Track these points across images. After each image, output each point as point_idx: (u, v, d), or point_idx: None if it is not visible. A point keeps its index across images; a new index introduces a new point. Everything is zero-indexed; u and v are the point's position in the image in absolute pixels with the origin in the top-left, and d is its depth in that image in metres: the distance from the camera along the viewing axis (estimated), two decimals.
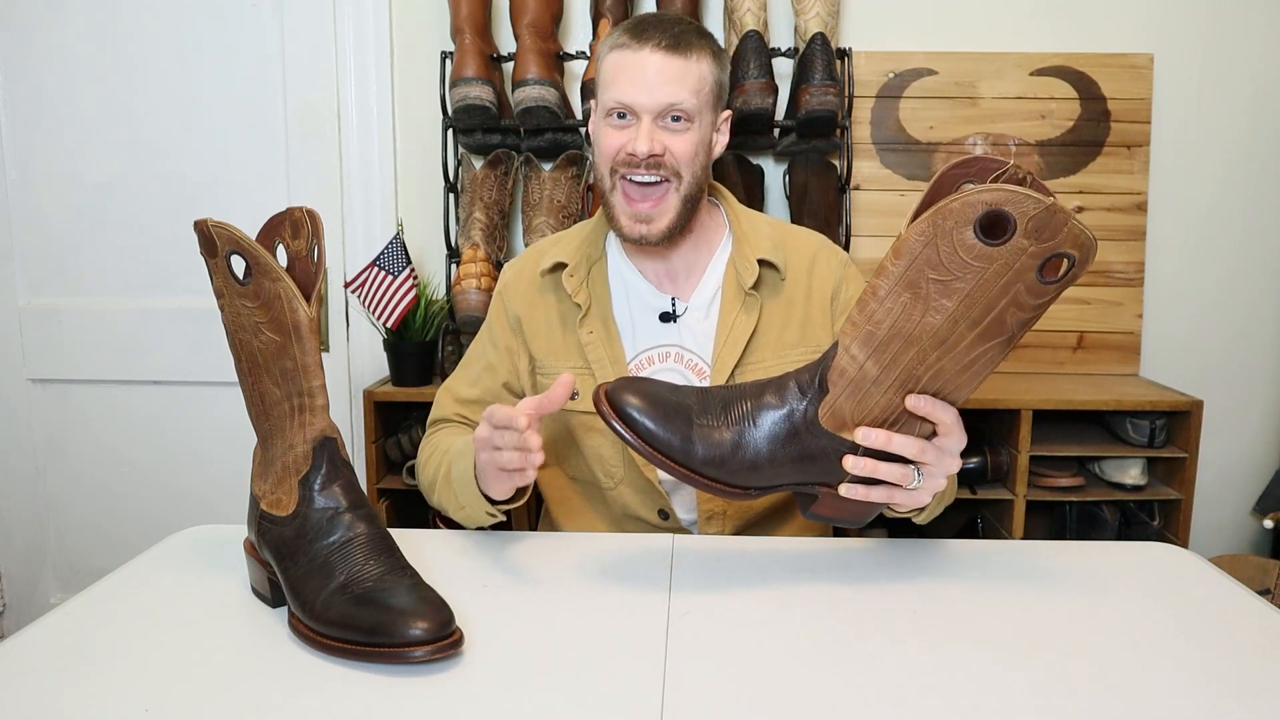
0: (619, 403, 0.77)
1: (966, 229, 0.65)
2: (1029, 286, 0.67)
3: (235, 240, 0.72)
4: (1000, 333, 0.70)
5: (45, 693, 0.66)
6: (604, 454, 1.10)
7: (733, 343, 1.07)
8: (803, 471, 0.78)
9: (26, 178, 2.04)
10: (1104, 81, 1.92)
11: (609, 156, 1.04)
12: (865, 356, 0.73)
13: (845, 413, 0.76)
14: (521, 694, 0.65)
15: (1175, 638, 0.74)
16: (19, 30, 1.99)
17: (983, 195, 0.64)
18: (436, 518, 1.92)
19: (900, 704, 0.64)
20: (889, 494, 0.78)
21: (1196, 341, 2.00)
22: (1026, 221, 0.64)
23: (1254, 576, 1.78)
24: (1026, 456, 1.70)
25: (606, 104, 1.04)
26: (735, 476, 0.77)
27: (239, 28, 1.96)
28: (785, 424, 0.77)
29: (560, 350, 1.11)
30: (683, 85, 1.01)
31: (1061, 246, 0.65)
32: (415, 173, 2.00)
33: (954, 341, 0.71)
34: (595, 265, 1.12)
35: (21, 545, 2.17)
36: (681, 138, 1.02)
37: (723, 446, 0.76)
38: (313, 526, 0.75)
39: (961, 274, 0.67)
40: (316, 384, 0.76)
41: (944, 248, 0.67)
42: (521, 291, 1.15)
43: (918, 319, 0.70)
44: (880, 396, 0.75)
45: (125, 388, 2.08)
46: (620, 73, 1.02)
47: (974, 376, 0.74)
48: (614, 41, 1.04)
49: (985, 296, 0.68)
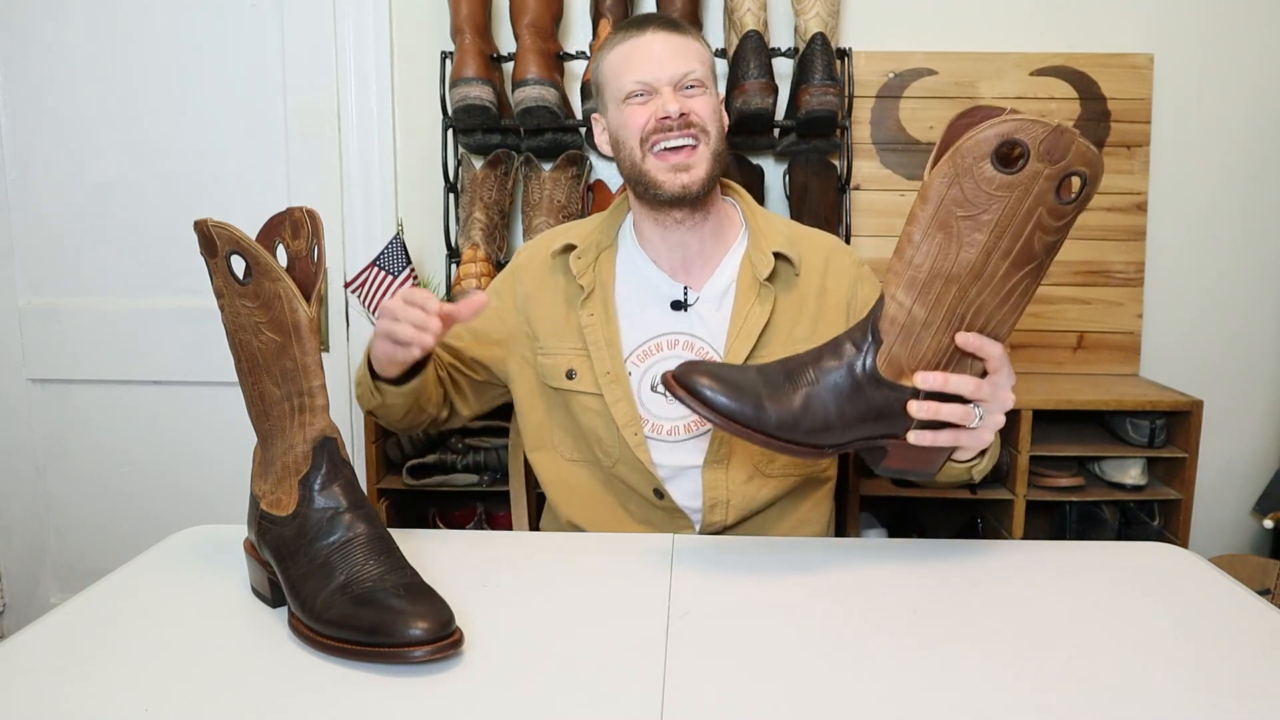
0: (689, 383, 0.81)
1: (985, 162, 0.70)
2: (1050, 209, 0.72)
3: (235, 240, 0.72)
4: (1030, 258, 0.75)
5: (45, 693, 0.66)
6: (600, 434, 1.11)
7: (746, 333, 1.09)
8: (870, 426, 0.82)
9: (26, 178, 2.04)
10: (1104, 81, 1.92)
11: (639, 129, 1.06)
12: (911, 300, 0.77)
13: (901, 359, 0.80)
14: (521, 694, 0.65)
15: (1175, 638, 0.74)
16: (19, 30, 1.99)
17: (995, 128, 0.69)
18: (436, 517, 1.92)
19: (900, 704, 0.64)
20: (955, 436, 0.82)
21: (1196, 341, 2.00)
22: (1038, 145, 0.69)
23: (1254, 576, 1.78)
24: (1026, 456, 1.70)
25: (624, 89, 1.07)
26: (809, 436, 0.81)
27: (239, 28, 1.96)
28: (848, 380, 0.80)
29: (561, 330, 1.13)
30: (690, 56, 1.07)
31: (1073, 165, 0.70)
32: (415, 173, 2.00)
33: (990, 273, 0.75)
34: (604, 252, 1.15)
35: (21, 545, 2.17)
36: (701, 99, 1.07)
37: (793, 410, 0.80)
38: (313, 526, 0.75)
39: (987, 206, 0.72)
40: (316, 384, 0.76)
41: (967, 184, 0.71)
42: (533, 272, 1.18)
43: (954, 256, 0.74)
44: (931, 338, 0.79)
45: (125, 388, 2.08)
46: (630, 59, 1.07)
47: (1013, 309, 0.78)
48: (614, 41, 1.10)
49: (1012, 224, 0.72)
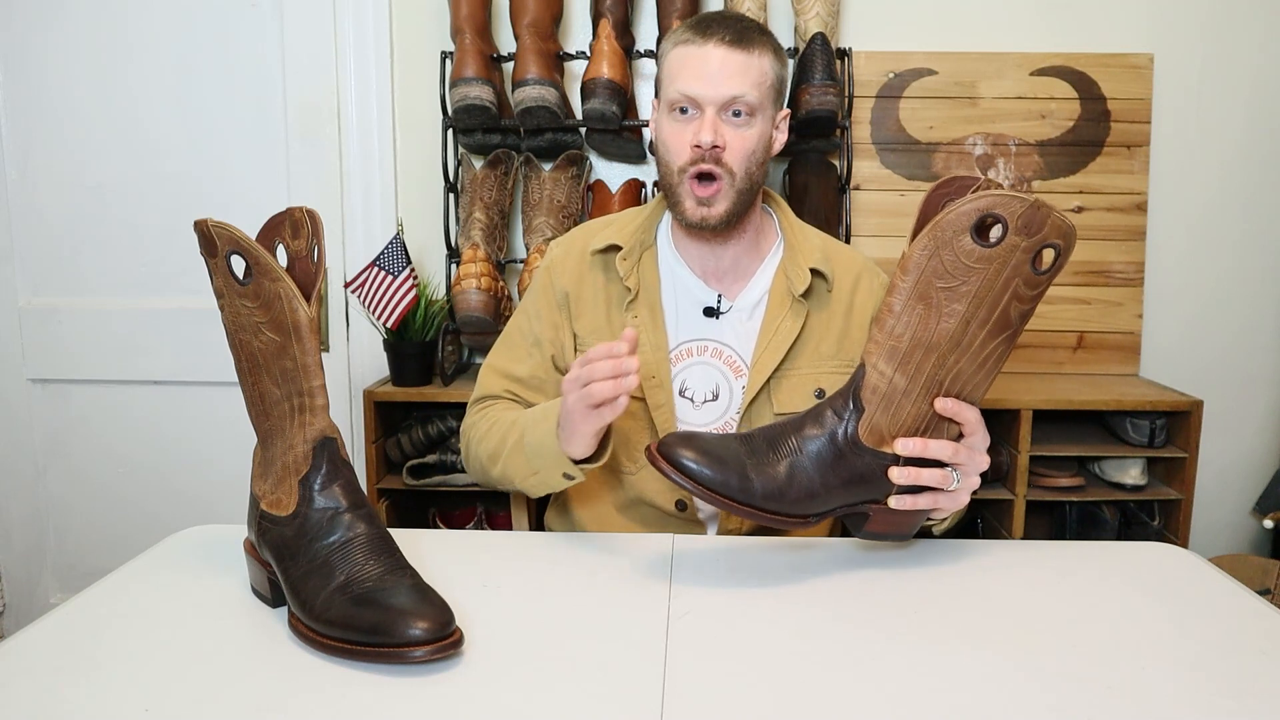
0: (673, 457, 0.81)
1: (964, 235, 0.73)
2: (1025, 279, 0.75)
3: (235, 240, 0.72)
4: (1006, 326, 0.78)
5: (45, 693, 0.66)
6: (631, 438, 1.10)
7: (775, 346, 1.09)
8: (853, 491, 0.83)
9: (26, 178, 2.04)
10: (1104, 81, 1.92)
11: (677, 155, 1.06)
12: (893, 370, 0.80)
13: (882, 426, 0.82)
14: (521, 694, 0.65)
15: (1175, 638, 0.74)
16: (19, 30, 1.99)
17: (975, 203, 0.72)
18: (436, 517, 1.92)
19: (900, 704, 0.64)
20: (934, 499, 0.84)
21: (1196, 341, 2.00)
22: (1016, 219, 0.72)
23: (1254, 576, 1.78)
24: (1026, 456, 1.70)
25: (671, 97, 1.06)
26: (794, 506, 0.82)
27: (239, 28, 1.96)
28: (831, 448, 0.82)
29: (604, 331, 1.12)
30: (745, 79, 1.03)
31: (1049, 238, 0.73)
32: (415, 173, 2.00)
33: (969, 342, 0.78)
34: (647, 252, 1.14)
35: (21, 545, 2.17)
36: (742, 134, 1.05)
37: (778, 480, 0.81)
38: (313, 526, 0.75)
39: (966, 278, 0.75)
40: (316, 384, 0.76)
41: (947, 256, 0.74)
42: (570, 269, 1.16)
43: (934, 326, 0.77)
44: (910, 406, 0.81)
45: (125, 388, 2.08)
46: (684, 66, 1.04)
47: (989, 374, 0.81)
48: (678, 38, 1.07)
49: (990, 294, 0.75)
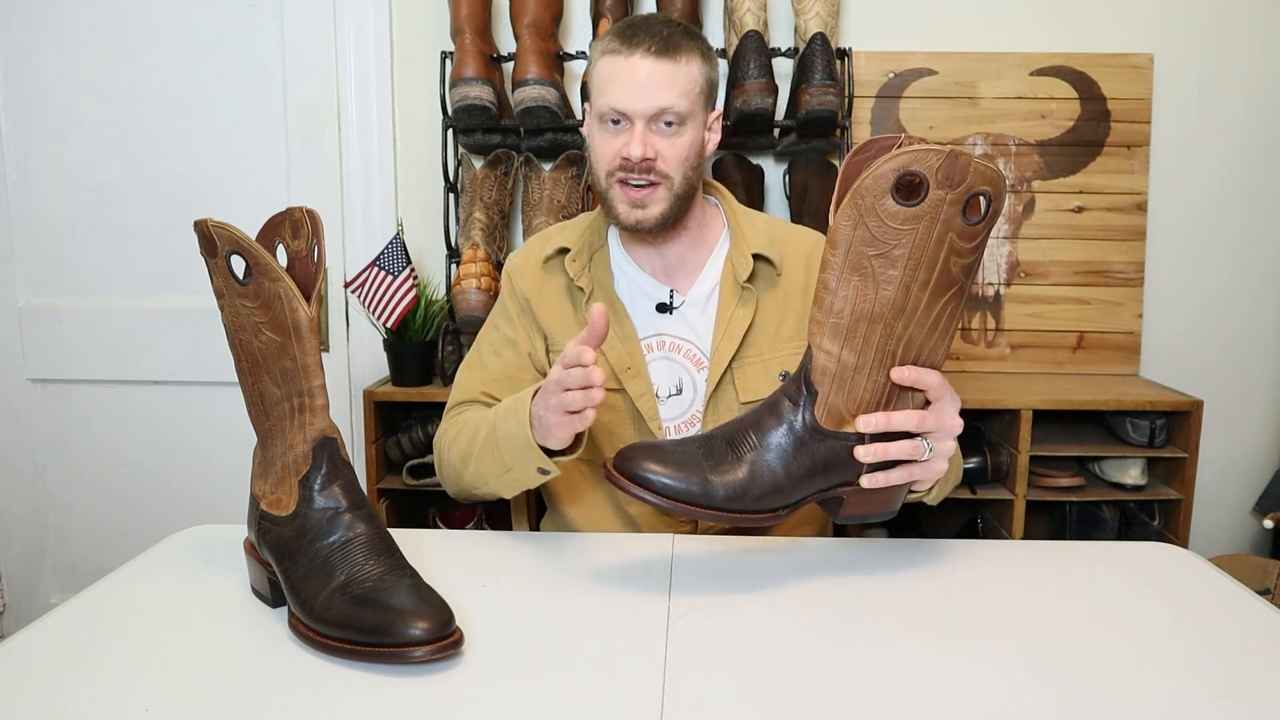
0: (629, 469, 0.79)
1: (885, 198, 0.70)
2: (959, 232, 0.72)
3: (235, 240, 0.72)
4: (950, 283, 0.74)
5: (45, 693, 0.66)
6: (615, 430, 1.10)
7: (730, 335, 1.09)
8: (821, 478, 0.80)
9: (26, 178, 2.04)
10: (1104, 81, 1.92)
11: (605, 162, 1.07)
12: (839, 348, 0.77)
13: (840, 407, 0.78)
14: (521, 694, 0.65)
15: (1175, 638, 0.74)
16: (19, 30, 1.99)
17: (890, 163, 0.69)
18: (436, 517, 1.92)
19: (900, 704, 0.64)
20: (908, 472, 0.81)
21: (1196, 341, 2.00)
22: (935, 173, 0.69)
23: (1254, 576, 1.78)
24: (1026, 456, 1.70)
25: (600, 109, 1.06)
26: (760, 503, 0.79)
27: (239, 28, 1.96)
28: (790, 438, 0.79)
29: (570, 327, 1.13)
30: (673, 89, 1.03)
31: (975, 186, 0.70)
32: (415, 173, 2.00)
33: (913, 306, 0.74)
34: (597, 253, 1.15)
35: (21, 545, 2.17)
36: (673, 141, 1.05)
37: (739, 480, 0.79)
38: (313, 526, 0.75)
39: (897, 241, 0.71)
40: (316, 384, 0.76)
41: (872, 223, 0.71)
42: (528, 274, 1.18)
43: (873, 296, 0.74)
44: (865, 381, 0.78)
45: (125, 388, 2.08)
46: (611, 79, 1.04)
47: (943, 334, 0.78)
48: (605, 46, 1.06)
49: (925, 254, 0.72)
